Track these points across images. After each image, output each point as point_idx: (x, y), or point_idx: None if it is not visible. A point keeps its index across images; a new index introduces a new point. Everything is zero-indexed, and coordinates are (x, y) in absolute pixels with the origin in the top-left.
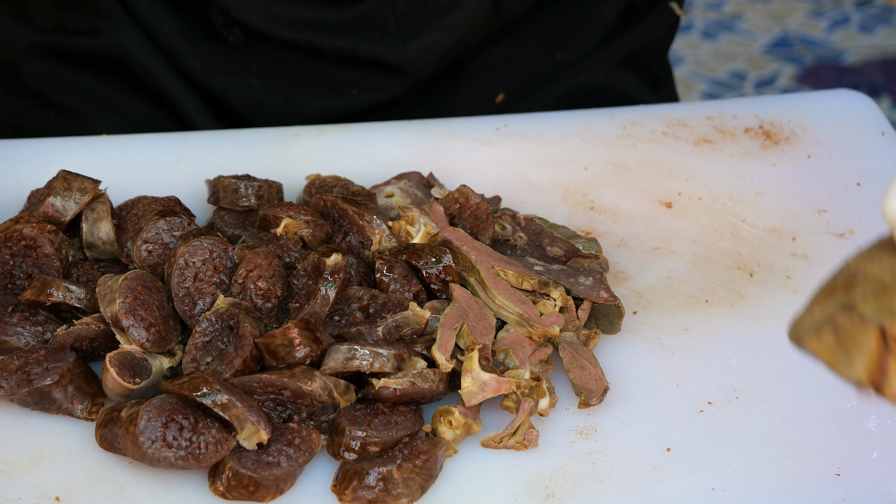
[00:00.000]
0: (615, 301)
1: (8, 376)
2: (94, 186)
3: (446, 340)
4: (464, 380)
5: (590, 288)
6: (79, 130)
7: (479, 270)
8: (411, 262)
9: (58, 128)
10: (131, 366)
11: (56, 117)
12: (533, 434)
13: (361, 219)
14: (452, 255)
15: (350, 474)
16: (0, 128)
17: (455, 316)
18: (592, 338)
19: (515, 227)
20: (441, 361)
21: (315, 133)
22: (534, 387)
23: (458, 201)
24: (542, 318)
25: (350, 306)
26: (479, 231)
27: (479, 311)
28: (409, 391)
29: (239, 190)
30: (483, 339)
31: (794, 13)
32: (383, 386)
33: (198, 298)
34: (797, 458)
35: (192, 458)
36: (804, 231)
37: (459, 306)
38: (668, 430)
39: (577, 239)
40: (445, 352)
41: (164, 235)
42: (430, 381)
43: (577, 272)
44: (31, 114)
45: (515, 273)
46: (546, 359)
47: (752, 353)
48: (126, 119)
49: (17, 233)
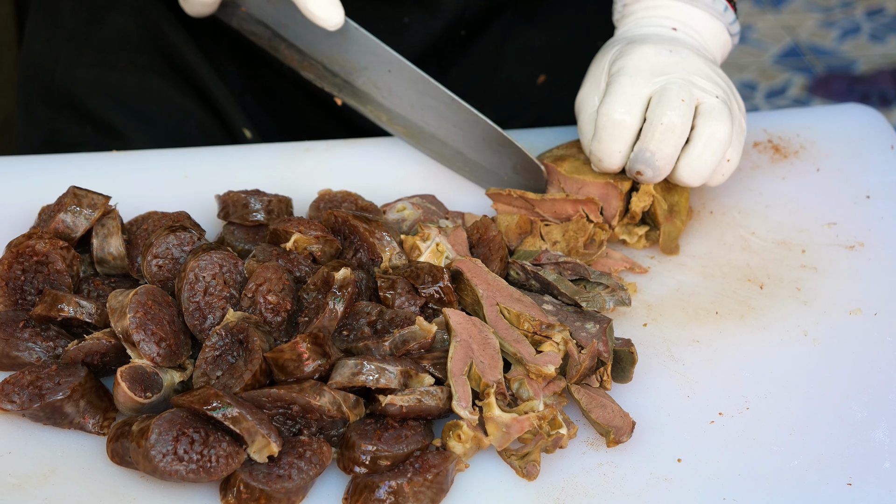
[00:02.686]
0: (607, 357)
1: (20, 391)
2: (104, 202)
3: (463, 392)
4: (488, 427)
5: (591, 336)
6: (115, 144)
7: (482, 305)
8: (410, 281)
9: (94, 141)
10: (142, 380)
11: (92, 130)
12: (534, 468)
13: (372, 236)
14: (461, 286)
15: (361, 487)
16: (41, 145)
17: (461, 358)
18: (606, 379)
19: (528, 277)
20: (466, 416)
21: (324, 147)
22: (552, 421)
23: (479, 230)
24: (536, 357)
25: (358, 321)
26: (489, 261)
27: (481, 335)
28: (416, 408)
29: (249, 204)
30: (493, 374)
31: (805, 23)
32: (389, 403)
33: (208, 313)
34: (808, 467)
35: (203, 472)
36: (813, 243)
37: (461, 340)
38: (679, 441)
39: (581, 295)
40: (467, 404)
41: (174, 250)
42: (436, 399)
43: (587, 317)
44: (69, 129)
45: (517, 312)
46: (559, 391)
47: (762, 364)
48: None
49: (29, 248)
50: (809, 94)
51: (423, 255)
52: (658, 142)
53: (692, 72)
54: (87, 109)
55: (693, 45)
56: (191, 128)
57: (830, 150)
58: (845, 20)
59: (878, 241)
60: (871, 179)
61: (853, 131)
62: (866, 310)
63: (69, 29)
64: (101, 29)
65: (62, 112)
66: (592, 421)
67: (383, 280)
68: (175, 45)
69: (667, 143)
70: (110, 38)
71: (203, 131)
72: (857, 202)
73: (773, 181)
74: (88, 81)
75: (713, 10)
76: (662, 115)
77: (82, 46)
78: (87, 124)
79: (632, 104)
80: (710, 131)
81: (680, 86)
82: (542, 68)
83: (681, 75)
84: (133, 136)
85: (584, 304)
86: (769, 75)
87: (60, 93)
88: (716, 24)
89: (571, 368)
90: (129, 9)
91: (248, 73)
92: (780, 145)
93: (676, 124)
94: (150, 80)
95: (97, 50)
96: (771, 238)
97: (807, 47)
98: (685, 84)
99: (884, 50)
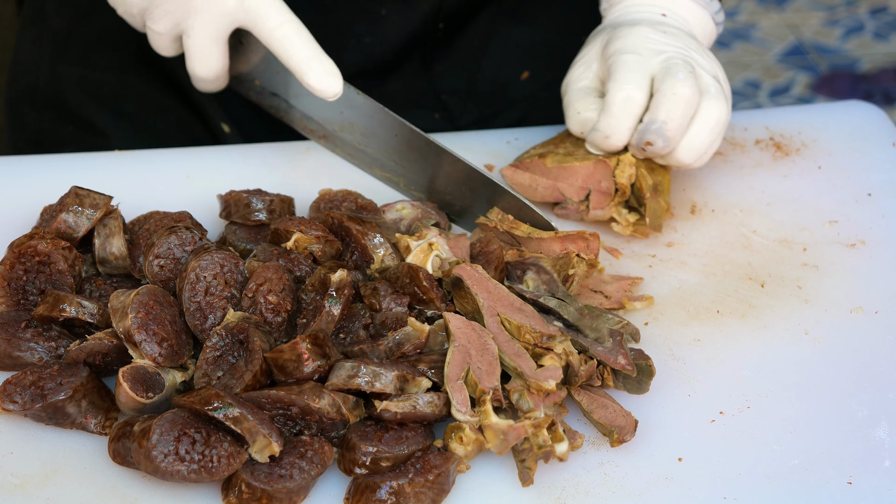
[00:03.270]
0: (631, 370)
1: (22, 391)
2: (105, 202)
3: (461, 397)
4: (487, 434)
5: (608, 351)
6: (96, 143)
7: (482, 315)
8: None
9: (77, 140)
10: (144, 380)
11: (74, 129)
12: (528, 475)
13: (364, 237)
14: (461, 293)
15: (362, 488)
16: (26, 145)
17: (458, 363)
18: (607, 377)
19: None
20: (466, 420)
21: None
22: (550, 429)
23: (481, 243)
24: (537, 373)
25: (354, 324)
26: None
27: (479, 340)
28: (411, 414)
29: (251, 204)
30: (490, 381)
31: (809, 21)
32: (384, 409)
33: (209, 313)
34: (809, 466)
35: (204, 472)
36: (815, 242)
37: (460, 345)
38: (680, 440)
39: (582, 321)
40: (466, 409)
41: (175, 250)
42: (432, 406)
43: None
44: (53, 128)
45: (517, 324)
46: (560, 402)
47: (763, 363)
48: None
49: (31, 249)
50: (813, 92)
51: (411, 255)
52: (669, 111)
53: (690, 49)
54: (69, 108)
55: (683, 29)
56: (170, 125)
57: (832, 148)
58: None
59: (880, 239)
60: (873, 177)
61: (855, 129)
62: (867, 308)
63: (54, 30)
64: (84, 29)
65: (46, 112)
66: (595, 422)
67: (365, 287)
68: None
69: (677, 113)
70: (93, 38)
71: (183, 128)
72: (858, 200)
73: (774, 179)
74: (71, 81)
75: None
76: (674, 86)
77: (66, 47)
78: (69, 123)
79: (640, 79)
80: (709, 111)
81: (684, 60)
82: (526, 64)
83: (680, 53)
84: (114, 134)
85: (589, 332)
86: (773, 74)
87: (45, 93)
88: (702, 12)
89: (571, 378)
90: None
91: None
92: (782, 143)
93: (688, 95)
94: (129, 78)
95: (80, 50)
96: (772, 236)
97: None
98: (687, 60)
99: (887, 48)
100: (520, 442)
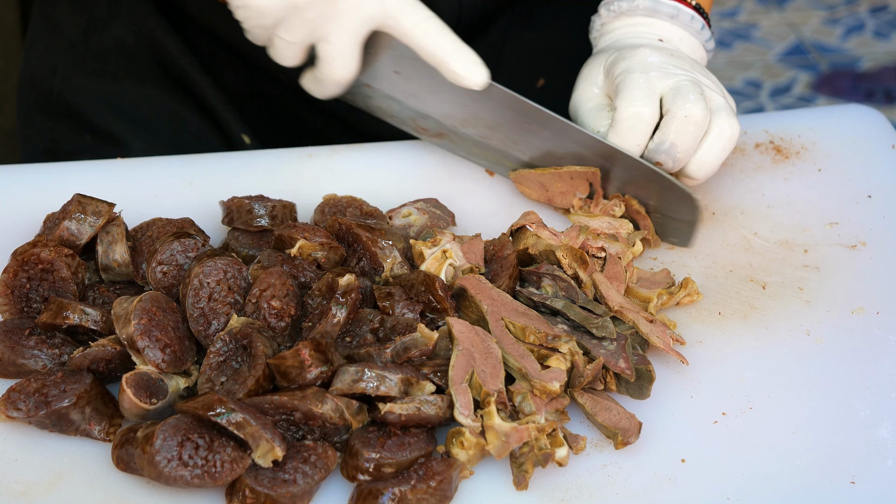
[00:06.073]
0: (630, 374)
1: (26, 399)
2: (108, 209)
3: (465, 400)
4: (488, 435)
5: (610, 354)
6: (114, 152)
7: (487, 321)
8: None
9: (94, 150)
10: (148, 386)
11: (91, 139)
12: (524, 479)
13: (374, 245)
14: (466, 303)
15: (365, 493)
16: (41, 154)
17: (462, 366)
18: (609, 380)
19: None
20: (468, 424)
21: (328, 153)
22: (551, 434)
23: (495, 247)
24: (541, 374)
25: (361, 328)
26: (497, 276)
27: (483, 344)
28: (415, 416)
29: (253, 210)
30: (494, 383)
31: (809, 20)
32: (388, 411)
33: (212, 318)
34: (812, 466)
35: (208, 477)
36: (816, 243)
37: (464, 349)
38: (683, 441)
39: (590, 321)
40: (469, 412)
41: (178, 257)
42: (436, 408)
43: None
44: (69, 138)
45: (522, 326)
46: (562, 409)
47: (765, 364)
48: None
49: (34, 256)
50: (814, 91)
51: (426, 263)
52: (678, 133)
53: (696, 71)
54: (87, 118)
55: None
56: (189, 135)
57: (832, 151)
58: (849, 17)
59: (880, 240)
60: (873, 179)
61: (854, 131)
62: (869, 309)
63: (68, 39)
64: (100, 39)
65: (62, 121)
66: (599, 424)
67: (379, 291)
68: (172, 55)
69: (688, 135)
70: (108, 48)
71: (201, 138)
72: (858, 202)
73: (774, 182)
74: (87, 91)
75: (691, 28)
76: (683, 107)
77: (81, 56)
78: (86, 133)
79: (649, 98)
80: (721, 128)
81: (693, 82)
82: (540, 72)
83: (688, 73)
84: (132, 144)
85: (595, 330)
86: (774, 73)
87: (59, 102)
88: (693, 41)
89: (575, 379)
90: (127, 19)
91: (247, 81)
92: (782, 146)
93: (698, 116)
94: (148, 88)
95: (95, 59)
96: (773, 238)
97: (811, 45)
98: (696, 82)
99: (888, 47)
100: (518, 446)
